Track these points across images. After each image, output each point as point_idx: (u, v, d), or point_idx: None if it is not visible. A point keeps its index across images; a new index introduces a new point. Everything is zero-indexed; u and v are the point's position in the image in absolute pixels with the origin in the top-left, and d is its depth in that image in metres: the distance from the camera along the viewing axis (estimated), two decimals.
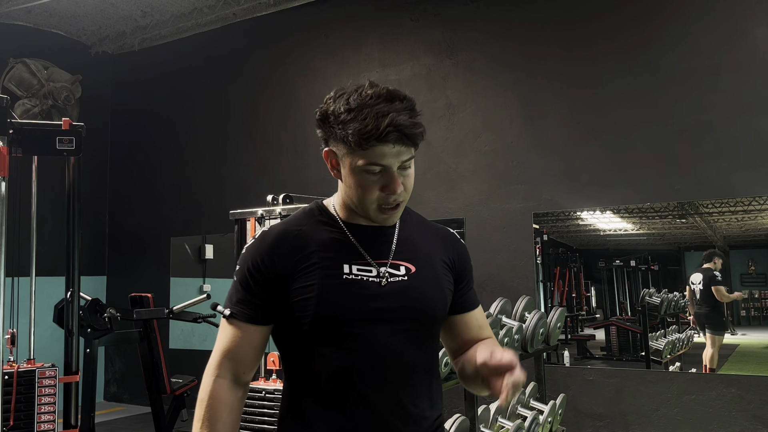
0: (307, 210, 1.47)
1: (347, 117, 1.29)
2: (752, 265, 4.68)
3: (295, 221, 1.44)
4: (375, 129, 1.26)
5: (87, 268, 7.01)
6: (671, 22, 4.88)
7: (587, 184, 5.10)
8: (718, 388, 4.55)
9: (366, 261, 1.38)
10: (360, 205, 1.37)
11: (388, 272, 1.38)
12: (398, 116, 1.27)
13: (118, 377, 7.70)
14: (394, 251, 1.41)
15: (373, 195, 1.34)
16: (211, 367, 1.40)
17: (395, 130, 1.27)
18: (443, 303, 1.45)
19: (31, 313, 4.09)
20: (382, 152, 1.29)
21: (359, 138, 1.27)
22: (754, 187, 4.52)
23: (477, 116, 5.61)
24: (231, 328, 1.39)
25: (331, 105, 1.34)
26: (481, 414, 3.30)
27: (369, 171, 1.31)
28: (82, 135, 3.97)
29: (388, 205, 1.35)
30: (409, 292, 1.38)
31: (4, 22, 7.00)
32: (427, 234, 1.50)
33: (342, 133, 1.30)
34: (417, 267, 1.41)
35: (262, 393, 3.61)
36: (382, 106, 1.28)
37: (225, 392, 1.38)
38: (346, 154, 1.33)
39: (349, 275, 1.35)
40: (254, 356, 1.42)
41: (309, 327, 1.33)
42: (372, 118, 1.26)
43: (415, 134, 1.30)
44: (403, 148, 1.30)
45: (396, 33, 6.09)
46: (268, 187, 5.55)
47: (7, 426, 3.65)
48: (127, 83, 7.93)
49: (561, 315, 4.01)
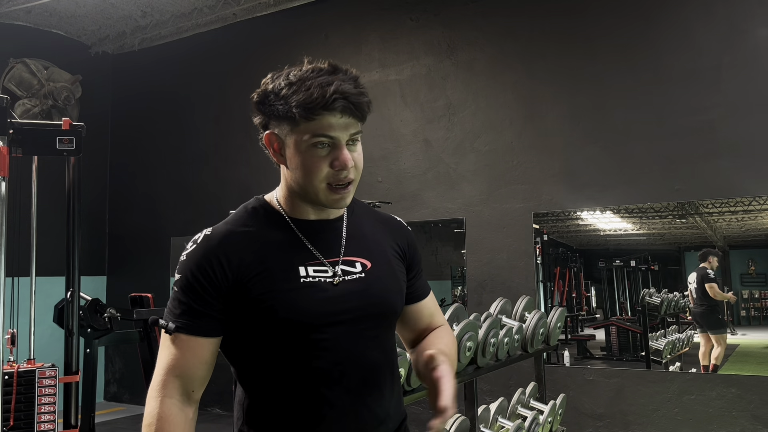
0: (249, 208, 1.36)
1: (289, 91, 1.23)
2: (752, 265, 4.68)
3: (239, 221, 1.33)
4: (321, 97, 1.20)
5: (87, 268, 7.02)
6: (671, 22, 4.88)
7: (587, 184, 5.11)
8: (718, 388, 4.55)
9: (319, 261, 1.30)
10: (308, 186, 1.27)
11: (342, 270, 1.31)
12: (343, 84, 1.22)
13: (118, 377, 7.70)
14: (345, 246, 1.34)
15: (322, 173, 1.25)
16: (155, 388, 1.25)
17: (341, 98, 1.20)
18: (401, 297, 1.41)
19: (31, 313, 4.09)
20: (329, 123, 1.22)
21: (304, 109, 1.20)
22: (754, 187, 4.52)
23: (477, 116, 5.61)
24: (175, 343, 1.25)
25: (269, 84, 1.27)
26: (481, 414, 3.29)
27: (316, 144, 1.23)
28: (82, 135, 3.96)
29: (339, 183, 1.26)
30: (369, 290, 1.32)
31: (4, 22, 7.00)
32: (376, 224, 1.43)
33: (284, 108, 1.23)
34: (372, 262, 1.35)
35: None
36: (325, 77, 1.23)
37: (175, 413, 1.24)
38: (290, 131, 1.26)
39: (306, 278, 1.27)
40: (204, 372, 1.28)
41: (270, 335, 1.25)
42: (316, 87, 1.21)
43: (361, 103, 1.23)
44: (350, 120, 1.24)
45: (396, 33, 6.09)
46: (268, 187, 5.53)
47: (7, 426, 3.65)
48: (127, 83, 7.93)
49: (561, 315, 4.01)
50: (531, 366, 4.16)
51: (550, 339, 3.89)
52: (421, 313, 1.49)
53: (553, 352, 5.03)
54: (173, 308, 1.28)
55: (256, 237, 1.29)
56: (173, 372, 1.25)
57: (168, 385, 1.25)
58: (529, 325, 3.62)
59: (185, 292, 1.26)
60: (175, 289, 1.28)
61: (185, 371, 1.26)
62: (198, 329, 1.25)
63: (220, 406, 6.76)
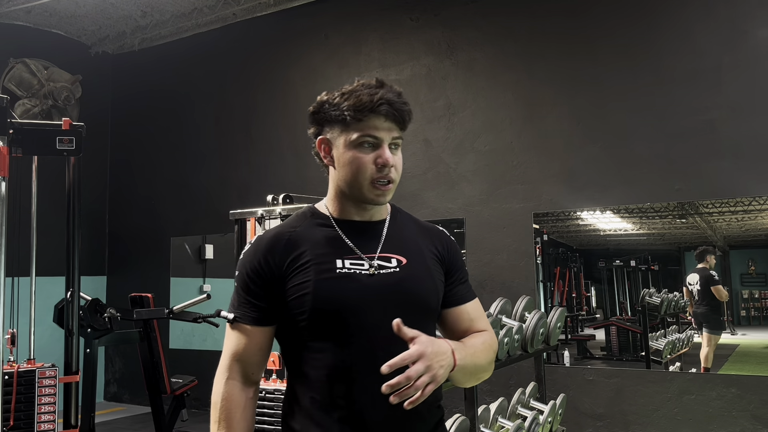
0: (300, 213, 1.55)
1: (342, 99, 1.43)
2: (752, 265, 4.68)
3: (289, 224, 1.51)
4: (369, 101, 1.40)
5: (87, 268, 7.02)
6: (672, 22, 4.88)
7: (587, 184, 5.10)
8: (718, 388, 4.55)
9: (357, 255, 1.44)
10: (355, 182, 1.43)
11: (378, 264, 1.44)
12: (388, 94, 1.41)
13: (118, 377, 7.70)
14: (383, 244, 1.47)
15: (368, 170, 1.41)
16: (221, 371, 1.45)
17: (386, 103, 1.40)
18: (435, 293, 1.49)
19: (31, 313, 4.09)
20: (374, 124, 1.41)
21: (354, 111, 1.40)
22: (754, 187, 4.52)
23: (477, 116, 5.61)
24: (236, 331, 1.45)
25: (324, 97, 1.48)
26: (481, 414, 3.30)
27: (363, 143, 1.41)
28: (82, 135, 3.97)
29: (381, 180, 1.42)
30: (402, 283, 1.43)
31: (4, 22, 7.00)
32: (417, 230, 1.57)
33: (336, 112, 1.43)
34: (408, 259, 1.47)
35: (262, 393, 3.61)
36: (374, 88, 1.43)
37: (237, 393, 1.44)
38: (340, 133, 1.44)
39: (342, 269, 1.41)
40: (261, 357, 1.47)
41: (307, 323, 1.39)
42: (365, 94, 1.41)
43: (403, 110, 1.42)
44: (393, 125, 1.42)
45: (396, 33, 6.09)
46: (268, 187, 5.55)
47: (7, 426, 3.65)
48: (127, 83, 7.93)
49: (561, 315, 4.01)
50: (531, 366, 4.16)
51: (550, 339, 3.89)
52: (460, 317, 1.55)
53: (553, 352, 5.03)
54: (233, 301, 1.47)
55: (302, 236, 1.46)
56: (234, 357, 1.45)
57: (231, 369, 1.45)
58: (529, 325, 3.62)
59: (241, 287, 1.46)
60: (235, 284, 1.48)
61: (244, 356, 1.44)
62: (252, 319, 1.44)
63: None
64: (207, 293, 4.84)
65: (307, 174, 6.43)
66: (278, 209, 3.97)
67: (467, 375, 1.44)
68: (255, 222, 4.07)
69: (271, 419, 3.56)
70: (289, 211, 3.92)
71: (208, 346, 6.93)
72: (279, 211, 3.95)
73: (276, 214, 3.97)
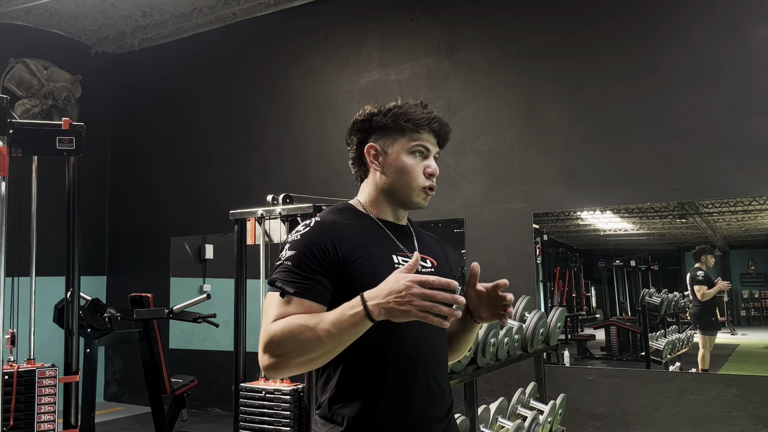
0: (341, 207, 1.60)
1: (399, 110, 1.57)
2: (752, 265, 4.68)
3: (340, 215, 1.56)
4: (426, 117, 1.57)
5: (87, 268, 7.02)
6: (672, 22, 4.88)
7: (587, 184, 5.11)
8: (718, 388, 4.55)
9: (405, 253, 1.56)
10: (406, 186, 1.56)
11: (421, 264, 1.57)
12: (437, 114, 1.60)
13: (118, 377, 7.70)
14: (418, 246, 1.62)
15: (419, 176, 1.56)
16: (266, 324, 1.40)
17: (438, 120, 1.59)
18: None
19: (31, 313, 4.09)
20: (427, 138, 1.58)
21: (414, 123, 1.56)
22: (754, 187, 4.52)
23: (477, 116, 5.61)
24: (289, 304, 1.39)
25: (373, 109, 1.60)
26: (481, 414, 3.30)
27: (415, 152, 1.57)
28: (82, 135, 3.96)
29: (430, 187, 1.58)
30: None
31: (4, 22, 7.00)
32: (427, 236, 1.73)
33: (394, 122, 1.56)
34: (437, 261, 1.64)
35: (262, 393, 3.61)
36: (424, 108, 1.59)
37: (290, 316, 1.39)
38: (395, 141, 1.57)
39: (398, 265, 1.51)
40: None
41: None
42: (422, 111, 1.58)
43: (448, 132, 1.62)
44: (436, 141, 1.60)
45: (396, 33, 6.09)
46: (268, 187, 5.54)
47: (7, 426, 3.65)
48: (127, 83, 7.93)
49: (561, 315, 4.01)
50: (531, 366, 4.16)
51: (550, 339, 3.89)
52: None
53: (553, 352, 5.03)
54: (287, 277, 1.41)
55: (356, 228, 1.53)
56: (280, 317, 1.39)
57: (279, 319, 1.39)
58: (529, 325, 3.62)
59: (301, 264, 1.42)
60: (288, 263, 1.43)
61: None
62: (309, 294, 1.40)
63: (220, 406, 6.76)
64: (207, 293, 4.85)
65: (307, 174, 6.43)
66: (278, 209, 3.96)
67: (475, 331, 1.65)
68: (255, 222, 4.06)
69: (271, 419, 3.55)
70: (290, 211, 3.91)
71: (208, 346, 6.94)
72: (279, 211, 3.95)
73: (276, 214, 3.97)
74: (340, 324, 1.31)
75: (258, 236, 4.03)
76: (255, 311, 3.67)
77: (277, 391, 3.56)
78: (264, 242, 4.01)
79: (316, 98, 6.54)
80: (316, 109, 6.53)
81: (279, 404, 3.54)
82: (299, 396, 3.53)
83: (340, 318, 1.31)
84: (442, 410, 1.54)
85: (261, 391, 3.62)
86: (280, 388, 3.56)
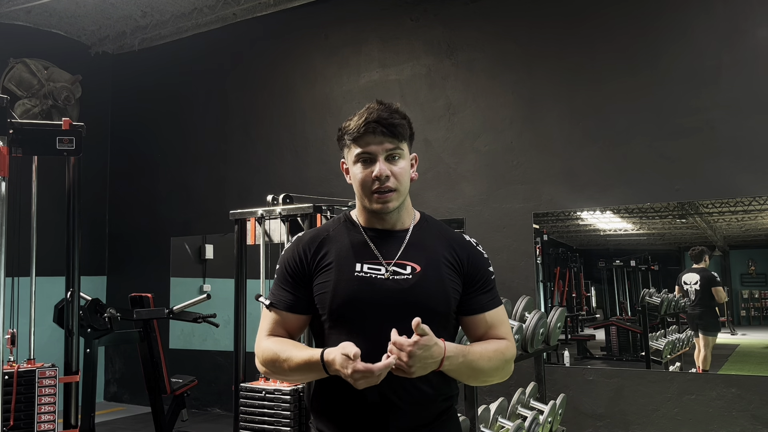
0: (337, 218, 1.73)
1: (348, 124, 1.61)
2: (752, 265, 4.68)
3: (325, 227, 1.70)
4: (357, 123, 1.58)
5: (87, 268, 7.01)
6: (671, 21, 4.88)
7: (587, 184, 5.11)
8: (718, 388, 4.55)
9: (378, 261, 1.59)
10: (362, 196, 1.60)
11: (393, 270, 1.58)
12: (379, 112, 1.58)
13: (118, 377, 7.70)
14: (402, 252, 1.61)
15: (367, 183, 1.58)
16: (260, 339, 1.64)
17: (374, 121, 1.56)
18: (445, 301, 1.60)
19: (31, 313, 4.08)
20: (367, 141, 1.57)
21: (349, 133, 1.59)
22: (754, 187, 4.52)
23: (477, 116, 5.61)
24: (272, 315, 1.64)
25: (343, 124, 1.64)
26: (481, 414, 3.30)
27: (359, 160, 1.59)
28: (82, 135, 3.96)
29: (380, 191, 1.57)
30: (413, 290, 1.56)
31: (4, 22, 7.00)
32: (441, 239, 1.68)
33: (340, 138, 1.63)
34: (422, 267, 1.60)
35: (262, 393, 3.61)
36: (367, 110, 1.60)
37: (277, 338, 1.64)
38: (348, 154, 1.63)
39: (359, 273, 1.57)
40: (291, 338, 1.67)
41: (326, 319, 1.58)
42: (360, 117, 1.59)
43: (393, 124, 1.57)
44: (385, 139, 1.57)
45: (396, 33, 6.09)
46: (268, 187, 5.54)
47: (7, 426, 3.65)
48: (127, 83, 7.93)
49: (561, 315, 4.01)
50: (531, 366, 4.16)
51: (550, 339, 3.89)
52: (477, 324, 1.66)
53: (553, 352, 5.03)
54: (273, 290, 1.67)
55: (334, 239, 1.64)
56: (270, 333, 1.64)
57: (269, 336, 1.64)
58: (529, 325, 3.62)
59: (280, 278, 1.66)
60: (275, 277, 1.68)
61: (278, 335, 1.64)
62: (285, 305, 1.63)
63: (220, 406, 6.76)
64: (207, 293, 4.84)
65: (307, 174, 6.43)
66: (278, 209, 3.96)
67: (463, 375, 1.58)
68: (255, 222, 4.06)
69: (271, 419, 3.55)
70: (290, 211, 3.91)
71: (208, 346, 6.94)
72: (279, 211, 3.95)
73: (276, 214, 3.97)
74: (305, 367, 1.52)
75: (258, 236, 4.03)
76: (255, 311, 3.67)
77: (277, 391, 3.56)
78: (264, 242, 4.01)
79: (316, 98, 6.54)
80: (316, 109, 6.53)
81: (279, 404, 3.54)
82: (299, 396, 3.53)
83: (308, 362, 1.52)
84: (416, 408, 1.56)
85: (261, 391, 3.62)
86: (280, 388, 3.56)
